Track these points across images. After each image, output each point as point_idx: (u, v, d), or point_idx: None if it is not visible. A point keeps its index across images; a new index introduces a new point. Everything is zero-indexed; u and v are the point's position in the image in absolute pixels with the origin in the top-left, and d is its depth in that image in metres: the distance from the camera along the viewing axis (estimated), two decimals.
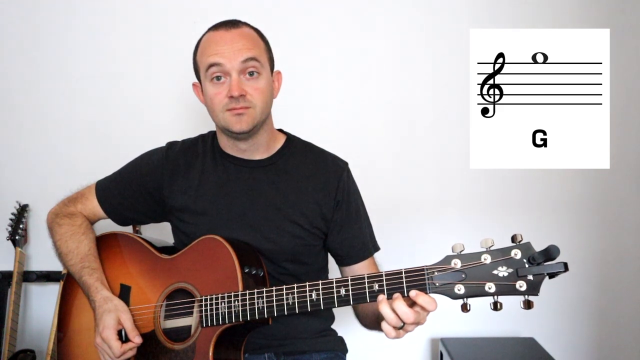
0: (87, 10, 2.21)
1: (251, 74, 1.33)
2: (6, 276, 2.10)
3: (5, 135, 2.23)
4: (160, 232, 1.86)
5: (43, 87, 2.22)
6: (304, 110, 2.16)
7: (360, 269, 1.46)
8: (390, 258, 1.54)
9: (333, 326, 1.56)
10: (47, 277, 2.13)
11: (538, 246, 2.32)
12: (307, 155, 1.47)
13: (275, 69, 1.44)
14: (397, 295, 1.10)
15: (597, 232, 2.19)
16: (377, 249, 1.50)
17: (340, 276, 1.47)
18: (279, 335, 1.42)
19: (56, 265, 2.08)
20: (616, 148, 2.16)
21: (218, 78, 1.33)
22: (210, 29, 1.39)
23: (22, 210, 2.14)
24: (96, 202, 1.52)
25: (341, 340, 1.55)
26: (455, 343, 2.06)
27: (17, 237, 2.09)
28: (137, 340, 1.30)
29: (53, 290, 2.09)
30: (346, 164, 1.49)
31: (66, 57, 2.21)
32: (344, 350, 1.54)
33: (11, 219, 2.11)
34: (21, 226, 2.10)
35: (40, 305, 2.20)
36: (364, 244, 1.47)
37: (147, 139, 2.15)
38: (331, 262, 1.56)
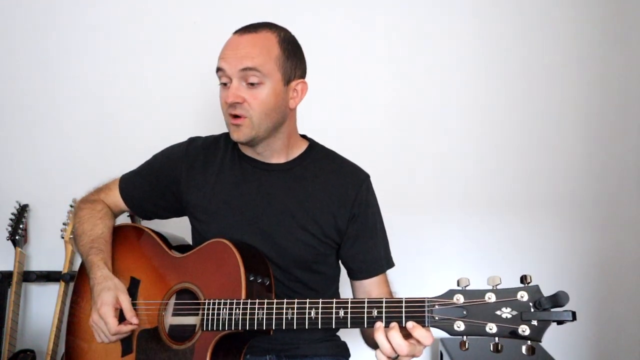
0: (88, 11, 2.20)
1: (251, 84, 1.30)
2: (6, 276, 2.10)
3: (5, 135, 2.23)
4: (171, 228, 1.84)
5: (43, 88, 2.21)
6: (303, 110, 2.16)
7: (371, 284, 1.43)
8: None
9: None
10: (47, 277, 2.13)
11: (538, 246, 2.32)
12: (326, 164, 1.44)
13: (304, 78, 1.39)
14: (393, 324, 1.08)
15: (597, 232, 2.19)
16: (390, 265, 1.46)
17: (351, 288, 1.47)
18: (282, 339, 1.41)
19: (56, 265, 2.09)
20: (616, 148, 2.17)
21: (225, 83, 1.33)
22: (233, 32, 1.37)
23: (22, 210, 2.13)
24: (118, 194, 1.52)
25: (344, 346, 1.53)
26: (455, 343, 2.06)
27: (17, 237, 2.08)
28: (134, 320, 1.28)
29: (53, 290, 2.08)
30: (367, 176, 1.45)
31: (66, 57, 2.21)
32: (347, 355, 1.52)
33: (11, 219, 2.11)
34: (21, 226, 2.10)
35: (40, 305, 2.20)
36: (376, 260, 1.43)
37: (147, 139, 2.15)
38: (343, 272, 1.53)
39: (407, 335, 1.08)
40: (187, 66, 2.19)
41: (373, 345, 1.36)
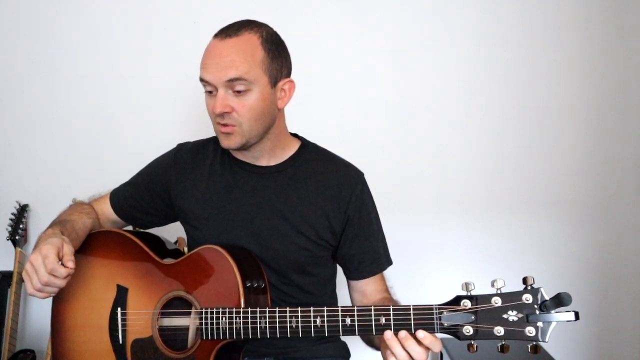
0: (88, 11, 2.21)
1: (238, 91, 1.26)
2: (6, 276, 2.09)
3: (5, 136, 2.23)
4: (171, 232, 1.84)
5: (43, 88, 2.22)
6: (302, 110, 2.16)
7: (367, 284, 1.41)
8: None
9: None
10: None
11: (538, 246, 2.31)
12: (319, 164, 1.41)
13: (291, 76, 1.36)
14: (406, 334, 1.09)
15: (597, 232, 2.19)
16: (389, 263, 1.44)
17: (347, 288, 1.45)
18: (279, 342, 1.39)
19: None
20: (616, 148, 2.17)
21: (210, 91, 1.29)
22: (214, 35, 1.32)
23: (22, 210, 2.14)
24: (109, 205, 1.51)
25: (344, 347, 1.51)
26: (455, 343, 2.05)
27: (17, 237, 2.09)
28: (70, 264, 1.20)
29: None
30: (361, 174, 1.42)
31: (66, 57, 2.21)
32: (347, 356, 1.51)
33: (11, 219, 2.11)
34: (21, 226, 2.10)
35: (40, 305, 2.20)
36: (375, 260, 1.41)
37: (147, 139, 2.17)
38: (340, 273, 1.52)
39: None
40: (188, 66, 2.18)
41: (369, 342, 1.35)
